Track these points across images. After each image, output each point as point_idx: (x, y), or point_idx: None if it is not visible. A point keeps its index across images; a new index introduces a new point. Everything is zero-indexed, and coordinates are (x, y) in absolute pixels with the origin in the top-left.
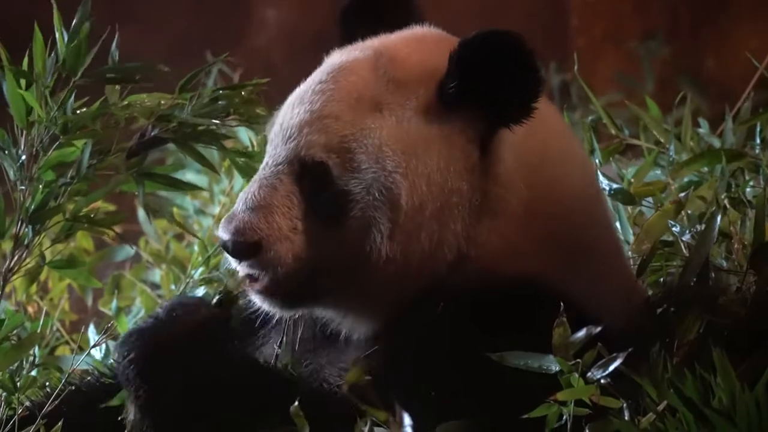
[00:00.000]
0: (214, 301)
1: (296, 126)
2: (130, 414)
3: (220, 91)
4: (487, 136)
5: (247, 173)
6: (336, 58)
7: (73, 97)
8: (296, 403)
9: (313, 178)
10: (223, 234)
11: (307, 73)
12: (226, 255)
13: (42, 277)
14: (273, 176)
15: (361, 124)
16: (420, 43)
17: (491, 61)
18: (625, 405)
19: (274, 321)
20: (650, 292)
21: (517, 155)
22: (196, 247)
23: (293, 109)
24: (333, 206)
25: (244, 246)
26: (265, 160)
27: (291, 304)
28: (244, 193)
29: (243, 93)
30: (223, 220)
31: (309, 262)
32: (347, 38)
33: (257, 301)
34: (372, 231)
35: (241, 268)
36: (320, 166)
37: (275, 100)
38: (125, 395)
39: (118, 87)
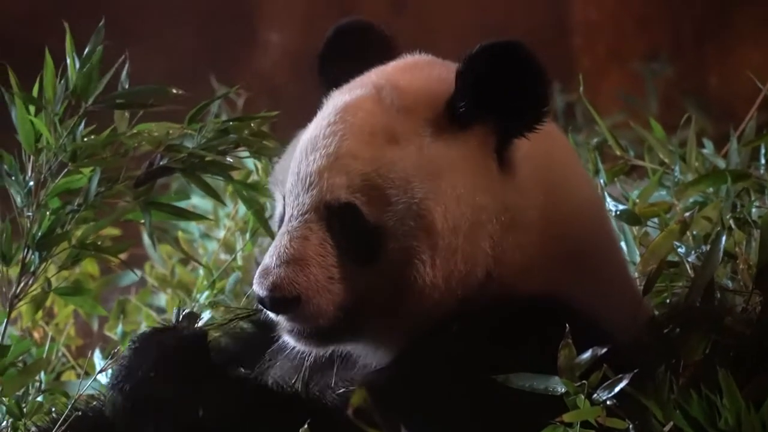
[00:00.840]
0: (180, 319)
1: (315, 172)
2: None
3: (230, 123)
4: (502, 148)
5: (252, 205)
6: (338, 99)
7: (83, 124)
8: (305, 426)
9: (342, 220)
10: (260, 290)
11: (311, 96)
12: (263, 308)
13: (47, 302)
14: (302, 226)
15: (381, 158)
16: (416, 70)
17: (498, 73)
18: (631, 426)
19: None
20: (656, 313)
21: (530, 163)
22: (201, 271)
23: (307, 157)
24: (368, 244)
25: (284, 301)
26: (289, 212)
27: (327, 342)
28: (275, 247)
29: (252, 125)
30: (257, 275)
31: (348, 307)
32: (328, 82)
33: (290, 341)
34: (413, 261)
35: (280, 320)
36: (347, 206)
37: (279, 124)
38: None
39: (127, 114)
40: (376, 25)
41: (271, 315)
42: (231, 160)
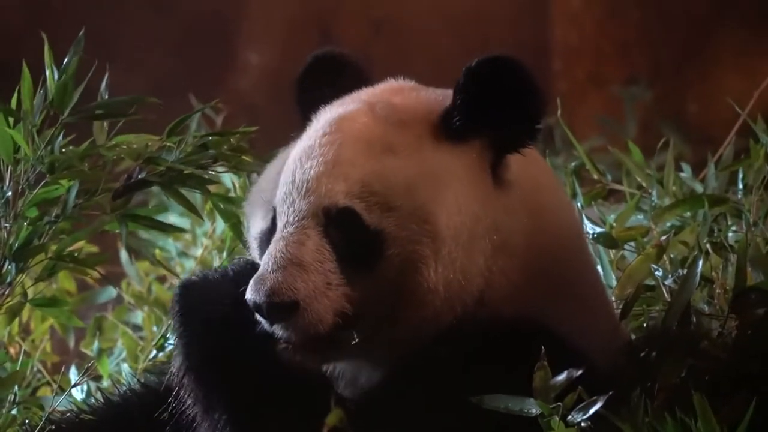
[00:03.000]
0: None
1: (313, 179)
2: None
3: (210, 138)
4: (496, 164)
5: (229, 218)
6: (331, 112)
7: (61, 135)
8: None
9: (340, 225)
10: (256, 296)
11: (290, 116)
12: (259, 317)
13: (24, 317)
14: (299, 232)
15: (380, 165)
16: (404, 90)
17: (495, 86)
18: None
19: None
20: (633, 336)
21: (519, 185)
22: None
23: (302, 165)
24: (367, 250)
25: (282, 306)
26: (283, 219)
27: (325, 356)
28: (270, 253)
29: (231, 140)
30: (252, 283)
31: (346, 314)
32: (306, 110)
33: (287, 357)
34: (415, 265)
35: (275, 330)
36: (346, 211)
37: (258, 142)
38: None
39: (106, 126)
40: (353, 55)
41: (266, 325)
42: (212, 173)
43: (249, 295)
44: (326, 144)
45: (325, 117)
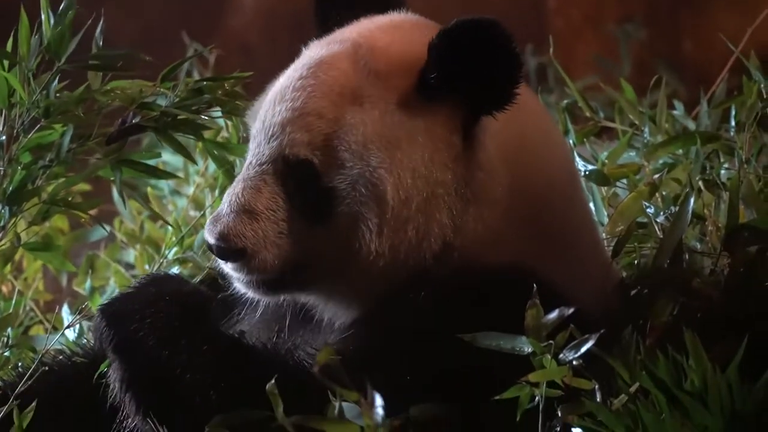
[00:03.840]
0: (196, 280)
1: (279, 124)
2: (111, 380)
3: (204, 83)
4: (469, 124)
5: (223, 164)
6: (314, 51)
7: (56, 80)
8: (272, 381)
9: (297, 176)
10: (209, 237)
11: (283, 55)
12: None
13: (16, 257)
14: (257, 177)
15: (343, 120)
16: (399, 32)
17: (471, 50)
18: (597, 387)
19: (249, 301)
20: (624, 274)
21: (498, 141)
22: (170, 228)
23: (275, 107)
24: (318, 204)
25: (229, 252)
26: (249, 158)
27: (275, 292)
28: (229, 194)
29: (226, 85)
30: (209, 220)
31: (296, 261)
32: (323, 23)
33: (240, 288)
34: (359, 227)
35: (227, 267)
36: (304, 164)
37: (251, 83)
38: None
39: (100, 73)
40: None
41: (221, 263)
42: (206, 118)
43: (205, 233)
44: (299, 89)
45: (307, 55)
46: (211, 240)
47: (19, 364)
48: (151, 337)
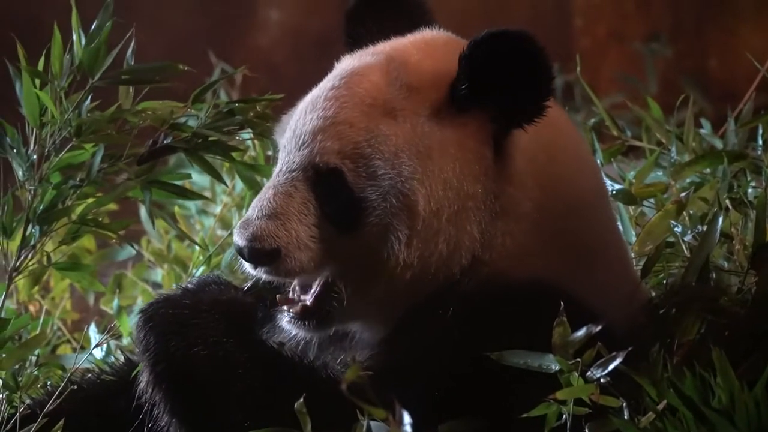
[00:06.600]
0: (246, 287)
1: (310, 132)
2: (142, 383)
3: (236, 104)
4: (499, 137)
5: (252, 186)
6: (347, 63)
7: (89, 99)
8: (301, 399)
9: (327, 184)
10: (239, 240)
11: (310, 74)
12: (242, 261)
13: (44, 276)
14: (288, 183)
15: (375, 130)
16: (430, 47)
17: (502, 61)
18: (624, 404)
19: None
20: (652, 293)
21: (528, 155)
22: (197, 247)
23: (306, 116)
24: (349, 213)
25: (262, 253)
26: (278, 166)
27: (318, 326)
28: (259, 200)
29: (258, 108)
30: (237, 225)
31: (328, 270)
32: (353, 40)
33: (287, 327)
34: (389, 237)
35: (258, 273)
36: (335, 172)
37: (277, 101)
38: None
39: (131, 91)
40: None
41: (249, 268)
42: (238, 138)
43: (234, 237)
44: (331, 98)
45: (340, 67)
46: (242, 242)
47: (48, 382)
48: (186, 347)
